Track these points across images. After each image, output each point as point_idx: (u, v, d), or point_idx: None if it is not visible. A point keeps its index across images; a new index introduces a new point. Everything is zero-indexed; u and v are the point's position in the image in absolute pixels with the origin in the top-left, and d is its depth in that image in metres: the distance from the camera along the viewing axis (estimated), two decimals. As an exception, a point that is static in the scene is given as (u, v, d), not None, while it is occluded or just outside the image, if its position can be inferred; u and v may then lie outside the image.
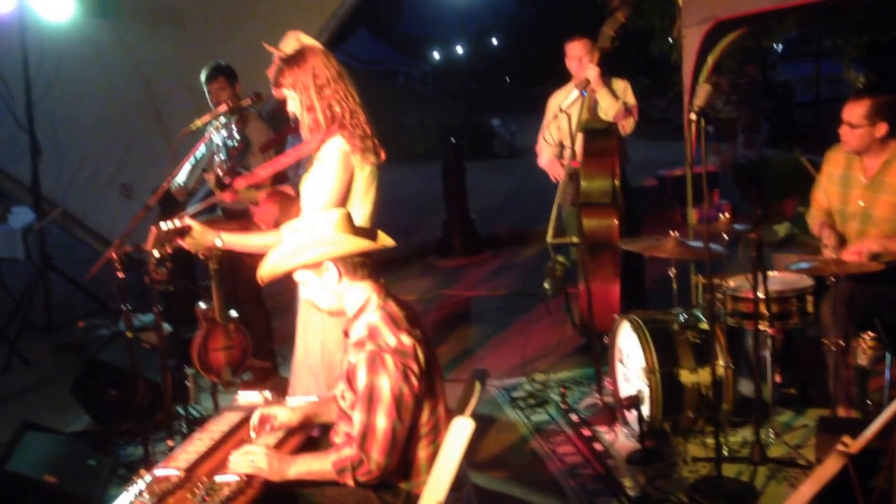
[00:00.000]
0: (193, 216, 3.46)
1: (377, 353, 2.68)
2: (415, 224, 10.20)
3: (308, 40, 4.58)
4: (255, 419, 2.99)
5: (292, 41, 4.60)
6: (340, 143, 3.40)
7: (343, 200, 3.46)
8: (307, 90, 3.41)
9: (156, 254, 3.42)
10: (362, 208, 3.53)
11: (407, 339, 2.72)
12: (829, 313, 4.12)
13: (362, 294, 2.84)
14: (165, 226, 3.37)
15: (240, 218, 4.70)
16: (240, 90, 5.39)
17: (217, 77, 5.37)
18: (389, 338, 2.72)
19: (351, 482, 2.67)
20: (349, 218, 2.90)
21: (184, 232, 3.40)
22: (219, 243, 3.41)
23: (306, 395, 3.33)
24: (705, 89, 3.73)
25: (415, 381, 2.69)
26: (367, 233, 2.97)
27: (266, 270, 2.84)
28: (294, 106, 3.49)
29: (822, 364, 4.35)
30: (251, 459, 2.68)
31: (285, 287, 3.30)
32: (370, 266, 2.88)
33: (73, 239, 8.03)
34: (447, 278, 8.43)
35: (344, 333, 2.90)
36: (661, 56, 10.64)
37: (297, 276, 2.88)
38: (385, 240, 3.07)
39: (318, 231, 2.82)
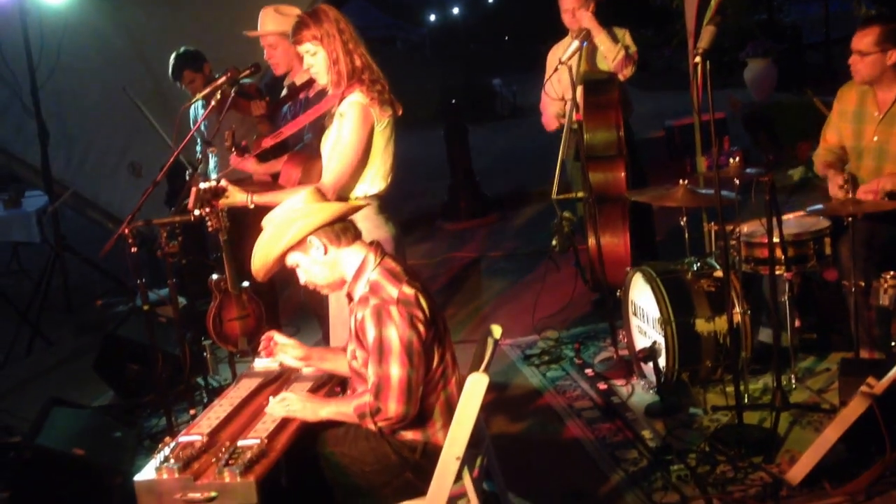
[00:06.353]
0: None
1: (382, 306, 2.71)
2: (420, 188, 10.16)
3: (288, 10, 4.55)
4: (263, 341, 3.17)
5: (271, 16, 4.57)
6: (359, 97, 3.45)
7: (365, 154, 3.50)
8: (335, 42, 3.44)
9: (196, 213, 3.68)
10: (384, 162, 3.57)
11: (409, 289, 2.75)
12: (847, 255, 4.04)
13: (357, 257, 2.85)
14: (204, 185, 3.61)
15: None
16: (209, 70, 5.43)
17: (182, 72, 5.47)
18: (392, 290, 2.74)
19: (372, 426, 2.74)
20: (318, 191, 2.93)
21: (219, 192, 3.62)
22: (250, 203, 3.61)
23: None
24: (710, 31, 3.65)
25: (422, 328, 2.72)
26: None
27: (257, 265, 2.85)
28: (315, 61, 3.50)
29: (842, 307, 4.29)
30: (286, 404, 2.82)
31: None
32: (354, 230, 2.90)
33: (86, 220, 8.07)
34: (455, 241, 8.42)
35: (347, 297, 2.91)
36: (662, 5, 10.50)
37: (289, 263, 2.87)
38: (357, 202, 3.11)
39: (288, 211, 2.83)
